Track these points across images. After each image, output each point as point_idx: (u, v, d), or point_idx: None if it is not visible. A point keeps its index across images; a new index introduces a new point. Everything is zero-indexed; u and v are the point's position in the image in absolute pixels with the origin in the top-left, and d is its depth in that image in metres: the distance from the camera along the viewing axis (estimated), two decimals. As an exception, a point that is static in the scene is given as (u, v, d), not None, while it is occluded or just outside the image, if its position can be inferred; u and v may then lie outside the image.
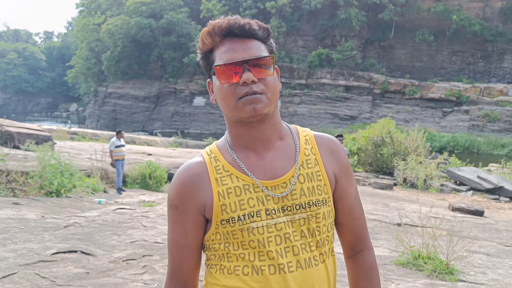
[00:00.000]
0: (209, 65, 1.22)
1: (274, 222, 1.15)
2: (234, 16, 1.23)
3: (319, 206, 1.20)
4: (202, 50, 1.22)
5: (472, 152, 34.54)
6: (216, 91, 1.21)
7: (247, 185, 1.17)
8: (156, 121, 55.81)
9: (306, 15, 54.19)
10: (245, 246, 1.16)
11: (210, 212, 1.18)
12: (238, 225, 1.15)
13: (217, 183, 1.18)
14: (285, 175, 1.19)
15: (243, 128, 1.20)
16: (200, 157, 1.25)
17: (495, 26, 47.37)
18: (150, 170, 12.97)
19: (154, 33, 55.48)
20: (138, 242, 5.56)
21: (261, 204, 1.16)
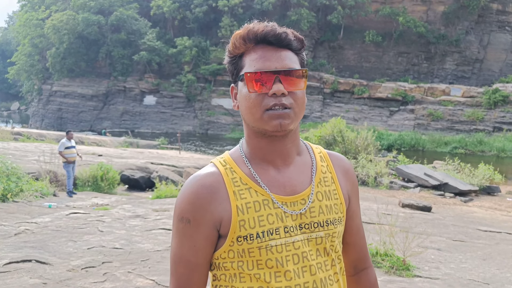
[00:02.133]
0: (236, 70, 1.16)
1: (292, 240, 1.10)
2: (271, 23, 1.15)
3: (336, 225, 1.17)
4: (232, 54, 1.17)
5: (418, 149, 36.03)
6: (241, 99, 1.14)
7: (267, 200, 1.11)
8: (105, 120, 54.26)
9: (257, 15, 54.41)
10: (261, 265, 1.09)
11: (226, 228, 1.10)
12: (256, 242, 1.08)
13: (235, 196, 1.11)
14: (303, 192, 1.15)
15: (265, 140, 1.14)
16: (214, 167, 1.16)
17: (437, 29, 49.62)
18: (102, 172, 12.60)
19: (103, 29, 53.90)
20: (96, 248, 5.38)
21: (280, 221, 1.10)
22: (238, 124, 50.64)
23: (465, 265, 6.02)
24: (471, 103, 43.82)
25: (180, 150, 26.82)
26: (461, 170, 17.73)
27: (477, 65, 49.97)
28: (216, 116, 51.87)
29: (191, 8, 54.51)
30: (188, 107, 53.67)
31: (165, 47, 53.61)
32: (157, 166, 15.54)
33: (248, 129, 1.17)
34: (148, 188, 13.62)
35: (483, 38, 49.54)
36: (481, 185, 16.16)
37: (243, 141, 1.21)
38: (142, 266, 4.82)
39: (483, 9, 48.38)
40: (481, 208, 13.62)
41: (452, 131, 42.26)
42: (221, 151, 34.76)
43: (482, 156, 30.91)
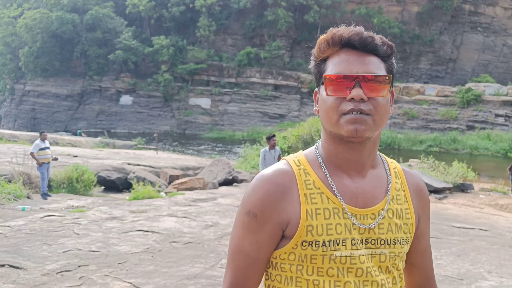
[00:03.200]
0: (319, 73, 1.13)
1: (358, 254, 1.07)
2: (358, 27, 1.11)
3: (403, 245, 1.14)
4: (317, 57, 1.14)
5: (394, 148, 36.59)
6: (320, 102, 1.12)
7: (337, 209, 1.08)
8: (80, 120, 53.36)
9: (234, 14, 54.40)
10: (322, 273, 1.06)
11: (292, 230, 1.07)
12: (321, 250, 1.05)
13: (306, 199, 1.08)
14: (375, 206, 1.12)
15: (342, 146, 1.10)
16: (287, 166, 1.13)
17: (412, 29, 50.47)
18: (78, 173, 12.38)
19: (77, 28, 52.97)
20: (72, 252, 5.29)
21: (348, 233, 1.07)
22: (215, 124, 50.53)
23: (440, 262, 6.14)
24: (445, 102, 44.74)
25: (157, 150, 26.58)
26: (435, 168, 18.06)
27: (450, 65, 51.04)
28: (194, 116, 51.60)
29: (168, 7, 54.07)
30: (165, 106, 53.24)
31: (142, 46, 53.04)
32: (134, 167, 15.36)
33: (325, 134, 1.14)
34: (125, 189, 13.46)
35: (456, 39, 50.62)
36: (455, 182, 16.51)
37: (320, 144, 1.18)
38: (119, 269, 4.76)
39: (456, 10, 49.44)
40: (455, 205, 13.92)
41: (427, 130, 43.05)
42: (199, 150, 34.61)
43: (456, 154, 31.61)
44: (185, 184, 12.48)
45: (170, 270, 4.81)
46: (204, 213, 8.30)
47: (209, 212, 8.38)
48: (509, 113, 42.54)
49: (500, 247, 7.55)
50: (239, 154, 28.45)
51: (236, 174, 14.59)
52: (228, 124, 50.21)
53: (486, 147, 35.50)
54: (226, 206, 9.24)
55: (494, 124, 41.94)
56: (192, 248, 5.75)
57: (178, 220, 7.46)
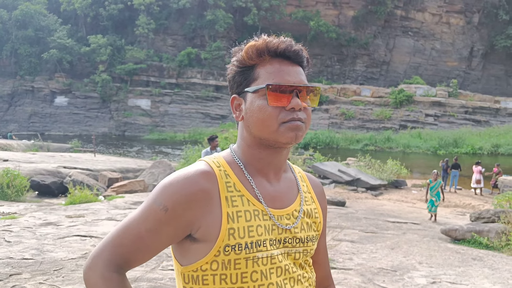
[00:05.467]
0: (246, 80, 1.13)
1: (276, 253, 1.10)
2: (287, 38, 1.16)
3: (314, 242, 1.21)
4: (243, 64, 1.14)
5: (332, 147, 37.70)
6: (252, 110, 1.11)
7: (257, 211, 1.10)
8: (11, 122, 50.49)
9: (174, 14, 53.76)
10: (246, 279, 1.07)
11: (211, 235, 1.05)
12: (244, 253, 1.06)
13: (227, 202, 1.08)
14: (289, 207, 1.17)
15: (266, 152, 1.14)
16: (208, 167, 1.11)
17: (348, 33, 52.24)
18: (8, 178, 11.73)
19: (6, 25, 50.15)
20: (3, 261, 5.02)
21: (267, 234, 1.10)
22: (156, 125, 49.64)
23: (375, 255, 6.43)
24: (379, 103, 46.71)
25: (95, 153, 25.72)
26: (371, 166, 18.83)
27: (384, 67, 53.37)
28: (134, 117, 50.42)
29: (105, 6, 52.49)
30: (103, 108, 51.60)
31: (77, 45, 51.10)
32: (70, 170, 14.78)
33: (251, 139, 1.15)
34: (61, 194, 12.92)
35: (389, 42, 53.02)
36: (389, 179, 17.31)
37: (237, 149, 1.19)
38: (55, 276, 4.58)
39: (388, 15, 51.78)
40: (389, 201, 14.61)
41: (363, 129, 44.73)
42: (139, 152, 33.86)
43: (390, 152, 33.12)
44: (124, 187, 12.20)
45: (110, 275, 4.70)
46: (145, 215, 8.15)
47: (150, 215, 8.24)
48: (438, 113, 45.19)
49: (430, 239, 8.02)
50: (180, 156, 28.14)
51: (178, 176, 14.41)
52: (169, 125, 49.50)
53: (417, 145, 37.47)
54: (168, 208, 9.12)
55: (424, 123, 44.36)
56: (132, 251, 5.64)
57: (117, 224, 7.29)
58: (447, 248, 7.28)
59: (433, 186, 11.02)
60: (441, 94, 46.20)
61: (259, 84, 1.11)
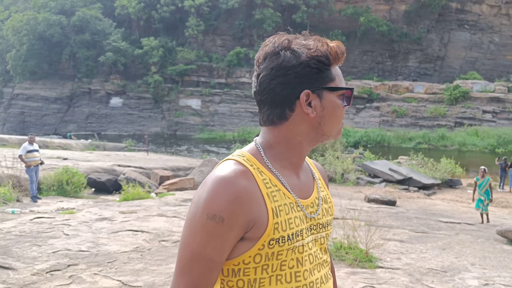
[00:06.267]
0: (323, 79, 1.15)
1: (307, 241, 1.16)
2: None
3: (331, 226, 1.28)
4: (323, 62, 1.15)
5: (383, 146, 36.86)
6: (331, 109, 1.16)
7: (292, 203, 1.15)
8: (70, 123, 53.07)
9: (223, 14, 54.43)
10: (284, 267, 1.11)
11: (259, 230, 1.08)
12: (287, 244, 1.10)
13: (269, 198, 1.10)
14: (311, 196, 1.23)
15: (310, 146, 1.20)
16: (240, 166, 1.12)
17: (400, 28, 50.85)
18: (68, 176, 12.37)
19: (65, 30, 52.68)
20: (62, 252, 5.33)
21: (301, 224, 1.15)
22: (206, 124, 50.51)
23: (425, 255, 6.26)
24: (433, 100, 45.15)
25: (148, 151, 26.55)
26: (424, 165, 18.28)
27: (438, 63, 51.51)
28: (184, 117, 51.55)
29: (157, 8, 53.97)
30: (155, 108, 53.13)
31: (131, 47, 52.89)
32: (124, 168, 15.35)
33: (311, 135, 1.18)
34: (115, 191, 13.46)
35: (443, 36, 51.11)
36: (443, 178, 16.72)
37: (265, 144, 1.20)
38: (108, 268, 4.81)
39: (443, 8, 49.91)
40: (443, 200, 14.12)
41: (415, 127, 43.42)
42: (189, 151, 34.60)
43: (444, 150, 31.94)
44: (175, 185, 12.52)
45: (159, 268, 4.88)
46: (194, 212, 8.35)
47: (199, 211, 8.43)
48: (496, 109, 43.07)
49: (485, 240, 7.70)
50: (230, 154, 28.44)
51: (227, 174, 14.63)
52: (218, 124, 50.23)
53: (474, 143, 35.90)
54: (216, 205, 9.30)
55: (481, 120, 42.43)
56: (181, 246, 5.81)
57: (167, 220, 7.52)
58: (502, 249, 6.97)
59: (481, 184, 10.49)
60: (500, 89, 43.99)
61: (337, 84, 1.16)
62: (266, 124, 1.19)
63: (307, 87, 1.13)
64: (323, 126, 1.16)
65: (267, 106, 1.17)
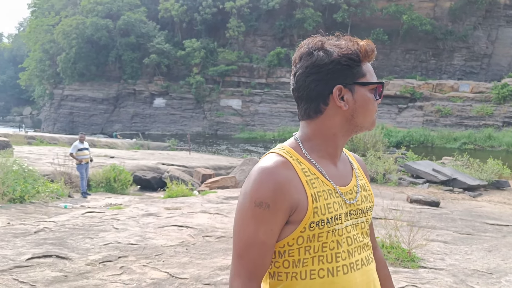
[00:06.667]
0: (354, 74, 1.27)
1: (345, 225, 1.26)
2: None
3: (371, 212, 1.38)
4: (353, 59, 1.28)
5: (427, 146, 35.98)
6: (364, 101, 1.27)
7: (330, 190, 1.26)
8: (116, 123, 54.80)
9: (264, 15, 54.66)
10: (325, 248, 1.22)
11: (300, 214, 1.20)
12: (326, 227, 1.21)
13: (308, 185, 1.22)
14: (350, 184, 1.33)
15: (346, 137, 1.31)
16: (281, 157, 1.25)
17: (444, 25, 49.42)
18: (115, 173, 12.88)
19: (112, 33, 54.44)
20: (112, 244, 5.62)
21: (340, 208, 1.25)
22: (246, 124, 50.89)
23: (470, 257, 6.16)
24: (480, 99, 43.60)
25: (190, 151, 27.10)
26: (470, 166, 17.74)
27: (485, 60, 49.68)
28: (225, 117, 52.15)
29: (199, 11, 54.86)
30: (197, 108, 54.03)
31: (174, 49, 54.03)
32: (168, 166, 15.80)
33: (346, 127, 1.29)
34: (160, 188, 13.88)
35: (491, 33, 49.24)
36: (490, 180, 16.18)
37: (303, 137, 1.33)
38: (156, 260, 5.04)
39: (490, 4, 48.09)
40: (490, 202, 13.68)
41: (461, 127, 42.09)
42: (231, 150, 35.00)
43: (491, 151, 30.83)
44: (217, 183, 12.77)
45: (204, 262, 5.06)
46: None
47: (241, 209, 8.60)
48: (548, 109, 41.15)
49: (534, 243, 7.46)
50: (270, 154, 28.56)
51: (267, 173, 14.78)
52: (259, 124, 50.49)
53: (524, 144, 34.45)
54: (257, 203, 9.44)
55: (532, 120, 40.65)
56: (224, 242, 5.99)
57: (210, 216, 7.73)
58: (553, 253, 6.74)
59: None
60: (553, 88, 41.95)
61: (368, 80, 1.28)
62: (304, 118, 1.33)
63: (339, 83, 1.25)
64: (356, 118, 1.27)
65: (303, 101, 1.31)
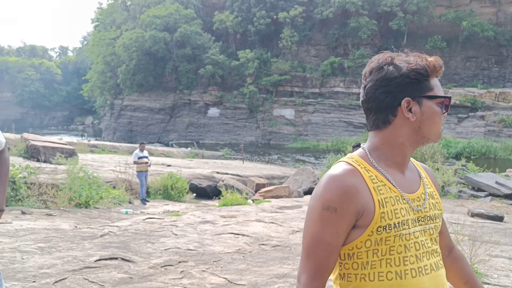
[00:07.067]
0: (421, 88, 1.33)
1: (413, 230, 1.32)
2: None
3: (440, 219, 1.43)
4: (421, 74, 1.33)
5: (489, 157, 34.32)
6: (429, 115, 1.33)
7: (398, 197, 1.32)
8: (172, 132, 56.42)
9: (317, 24, 54.57)
10: (393, 251, 1.28)
11: (367, 219, 1.27)
12: (393, 231, 1.28)
13: (375, 192, 1.29)
14: (417, 191, 1.39)
15: (413, 148, 1.38)
16: (349, 166, 1.34)
17: (508, 31, 47.17)
18: (172, 181, 13.31)
19: (169, 45, 56.32)
20: (172, 250, 5.84)
21: (407, 214, 1.32)
22: (299, 134, 50.79)
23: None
24: (548, 108, 41.14)
25: (243, 160, 27.43)
26: (537, 179, 16.78)
27: (554, 67, 46.89)
28: (278, 127, 52.33)
29: (253, 22, 55.65)
30: (250, 118, 54.61)
31: (228, 60, 55.06)
32: (222, 175, 16.10)
33: (413, 138, 1.36)
34: (215, 196, 14.17)
35: (560, 39, 46.45)
36: (559, 194, 15.21)
37: (371, 146, 1.40)
38: (214, 266, 5.19)
39: (559, 8, 45.47)
40: (559, 218, 12.88)
41: (527, 138, 39.84)
42: (284, 160, 35.06)
43: (562, 164, 28.89)
44: (271, 192, 12.88)
45: (261, 269, 5.15)
46: (290, 219, 8.59)
47: (295, 219, 8.66)
48: None
49: None
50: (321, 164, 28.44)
51: (321, 183, 14.72)
52: (312, 134, 50.26)
53: None
54: (312, 213, 9.44)
55: None
56: (280, 250, 6.06)
57: (265, 225, 7.83)
58: None
59: None
60: None
61: (435, 93, 1.34)
62: (372, 129, 1.41)
63: (407, 95, 1.32)
64: (423, 130, 1.34)
65: (372, 112, 1.39)
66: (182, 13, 57.56)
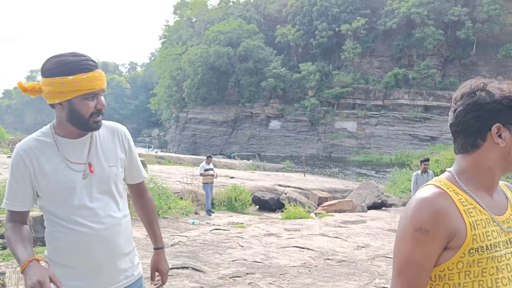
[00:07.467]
0: (510, 114, 1.35)
1: (504, 252, 1.34)
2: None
3: None
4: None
5: None
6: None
7: (488, 219, 1.34)
8: (234, 144, 57.44)
9: (381, 35, 53.67)
10: (485, 273, 1.30)
11: (459, 241, 1.29)
12: (486, 253, 1.29)
13: (466, 214, 1.31)
14: (506, 213, 1.41)
15: (501, 173, 1.40)
16: (438, 189, 1.36)
17: None
18: (236, 193, 13.59)
19: (232, 60, 57.71)
20: (239, 261, 6.00)
21: (498, 237, 1.33)
22: (362, 147, 49.92)
23: None
24: None
25: (304, 173, 27.37)
26: None
27: None
28: (340, 139, 51.75)
29: (315, 35, 55.75)
30: (311, 130, 54.45)
31: (290, 73, 55.45)
32: (284, 188, 16.19)
33: (502, 164, 1.38)
34: (278, 209, 14.28)
35: None
36: None
37: (458, 170, 1.43)
38: (281, 279, 5.29)
39: None
40: None
41: None
42: (346, 174, 34.56)
43: None
44: (334, 206, 12.78)
45: (327, 284, 5.18)
46: (355, 234, 8.52)
47: (360, 234, 8.57)
48: None
49: None
50: (387, 178, 27.74)
51: (385, 198, 14.44)
52: (374, 147, 49.23)
53: None
54: (376, 229, 9.31)
55: None
56: (345, 266, 6.05)
57: (330, 240, 7.82)
58: None
59: None
60: None
61: None
62: (461, 152, 1.43)
63: (498, 121, 1.35)
64: (506, 155, 1.35)
65: (461, 136, 1.41)
66: (244, 28, 58.86)
